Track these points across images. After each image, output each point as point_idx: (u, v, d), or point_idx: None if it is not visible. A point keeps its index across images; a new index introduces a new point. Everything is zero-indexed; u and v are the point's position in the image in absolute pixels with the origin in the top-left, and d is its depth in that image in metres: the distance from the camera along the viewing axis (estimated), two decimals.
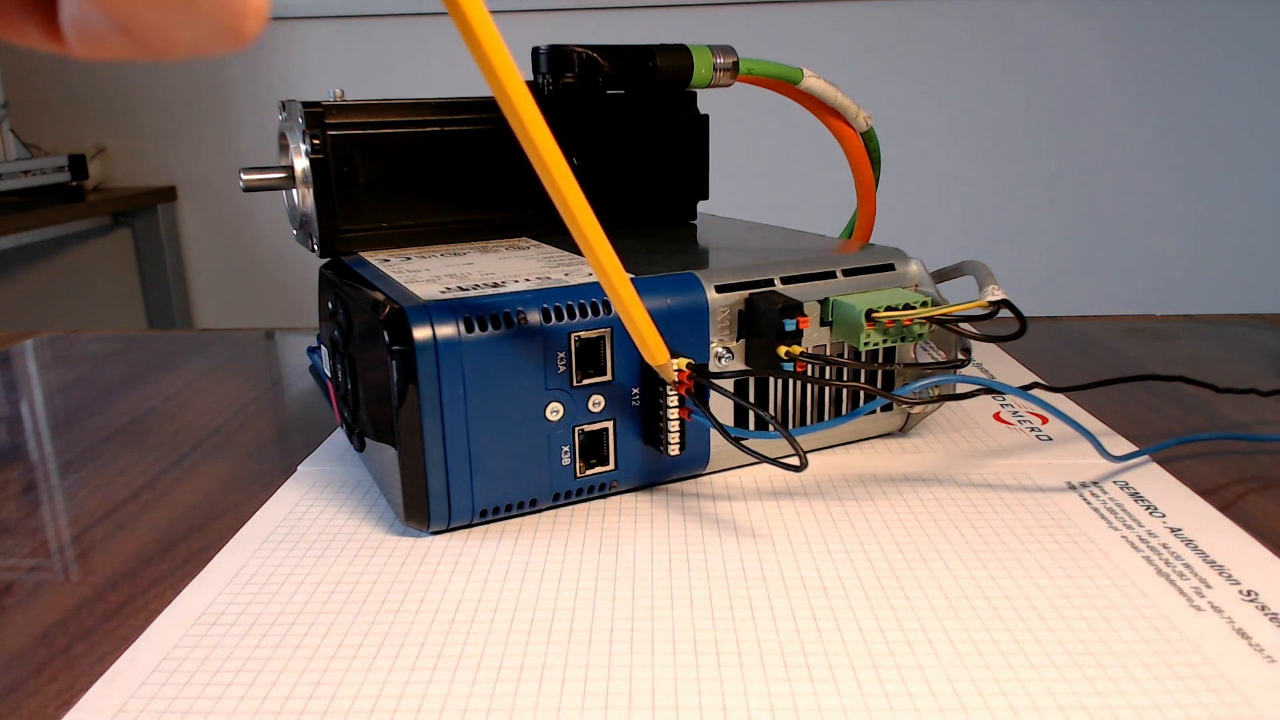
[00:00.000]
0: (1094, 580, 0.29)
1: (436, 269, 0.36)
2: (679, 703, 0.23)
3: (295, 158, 0.39)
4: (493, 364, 0.31)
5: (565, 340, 0.32)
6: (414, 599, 0.28)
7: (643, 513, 0.34)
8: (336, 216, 0.40)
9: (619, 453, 0.34)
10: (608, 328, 0.32)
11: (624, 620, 0.27)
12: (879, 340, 0.35)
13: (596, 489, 0.34)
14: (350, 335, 0.35)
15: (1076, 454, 0.38)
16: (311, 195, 0.39)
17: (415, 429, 0.30)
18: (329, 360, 0.39)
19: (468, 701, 0.24)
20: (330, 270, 0.38)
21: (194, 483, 0.38)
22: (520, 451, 0.32)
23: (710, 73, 0.43)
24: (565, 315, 0.32)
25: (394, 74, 1.73)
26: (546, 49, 0.42)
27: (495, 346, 0.31)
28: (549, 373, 0.32)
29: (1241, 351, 0.53)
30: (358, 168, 0.39)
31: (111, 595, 0.30)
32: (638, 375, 0.33)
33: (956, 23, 1.68)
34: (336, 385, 0.38)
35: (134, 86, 1.78)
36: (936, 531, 0.32)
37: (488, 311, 0.31)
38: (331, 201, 0.39)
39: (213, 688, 0.24)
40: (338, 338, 0.36)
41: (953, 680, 0.24)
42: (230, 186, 1.83)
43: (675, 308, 0.34)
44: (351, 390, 0.35)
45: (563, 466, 0.33)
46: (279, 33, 1.74)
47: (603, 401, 0.33)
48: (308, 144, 0.38)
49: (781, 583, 0.29)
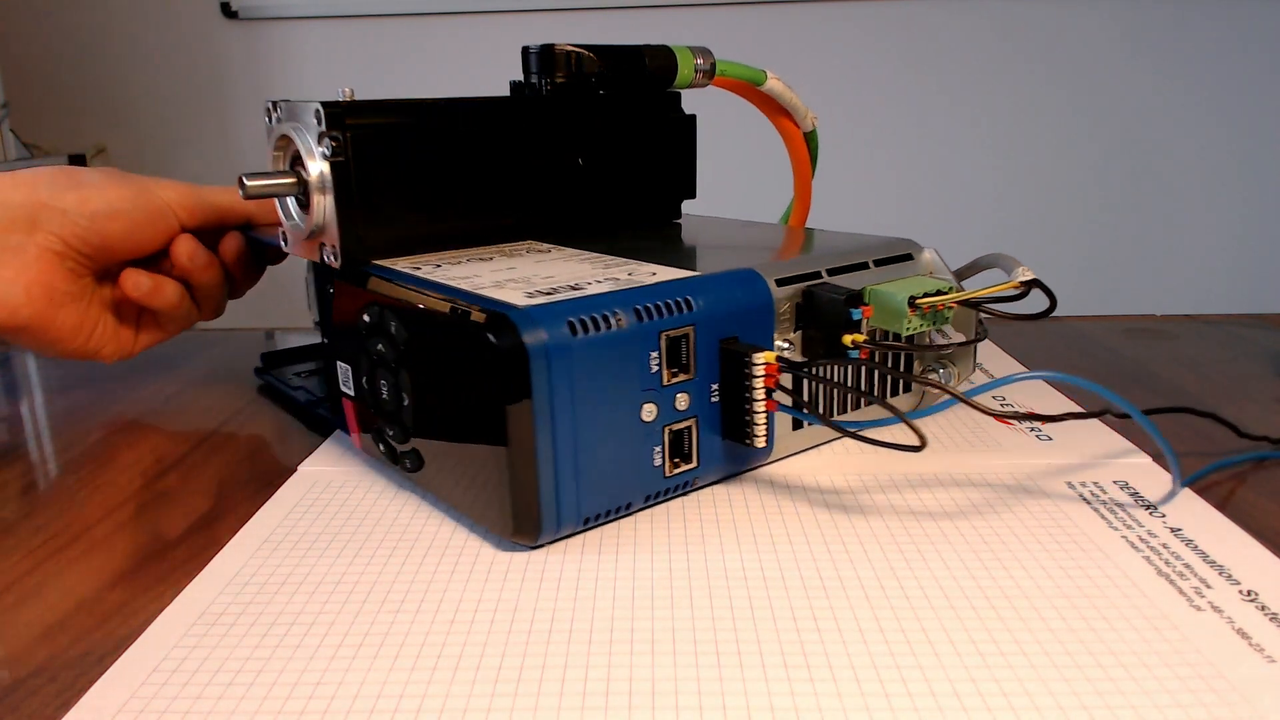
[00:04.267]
0: (1094, 580, 0.29)
1: (487, 274, 0.35)
2: (679, 703, 0.23)
3: (308, 160, 0.36)
4: (596, 367, 0.30)
5: (656, 340, 0.32)
6: (414, 599, 0.28)
7: (641, 515, 0.34)
8: (358, 224, 0.37)
9: (701, 449, 0.34)
10: (691, 325, 0.32)
11: (624, 620, 0.27)
12: (919, 325, 0.37)
13: (681, 487, 0.34)
14: (410, 347, 0.33)
15: (1076, 454, 0.38)
16: (330, 201, 0.36)
17: (528, 438, 0.29)
18: (351, 377, 0.37)
19: (468, 701, 0.24)
20: (351, 281, 0.36)
21: (194, 483, 0.38)
22: (620, 454, 0.32)
23: (692, 73, 0.44)
24: (654, 314, 0.32)
25: (394, 74, 1.73)
26: (537, 48, 0.41)
27: (597, 349, 0.30)
28: (643, 373, 0.32)
29: (1241, 351, 0.53)
30: (379, 170, 0.37)
31: (111, 595, 0.30)
32: (717, 371, 0.33)
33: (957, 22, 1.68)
34: (369, 402, 0.36)
35: (134, 86, 1.78)
36: (936, 531, 0.32)
37: (587, 314, 0.30)
38: (353, 207, 0.36)
39: (213, 688, 0.24)
40: (382, 351, 0.34)
41: (953, 680, 0.24)
42: None
43: (744, 304, 0.34)
44: (407, 406, 0.34)
45: (654, 467, 0.33)
46: (279, 33, 1.74)
47: (687, 399, 0.33)
48: (326, 146, 0.35)
49: (781, 583, 0.29)
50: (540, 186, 0.43)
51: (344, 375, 0.38)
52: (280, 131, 0.37)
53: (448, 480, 0.33)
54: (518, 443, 0.29)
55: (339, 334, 0.37)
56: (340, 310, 0.37)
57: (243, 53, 1.75)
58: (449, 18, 1.70)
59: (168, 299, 0.44)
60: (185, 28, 1.74)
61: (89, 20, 1.75)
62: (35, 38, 1.76)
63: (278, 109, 0.37)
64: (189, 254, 0.44)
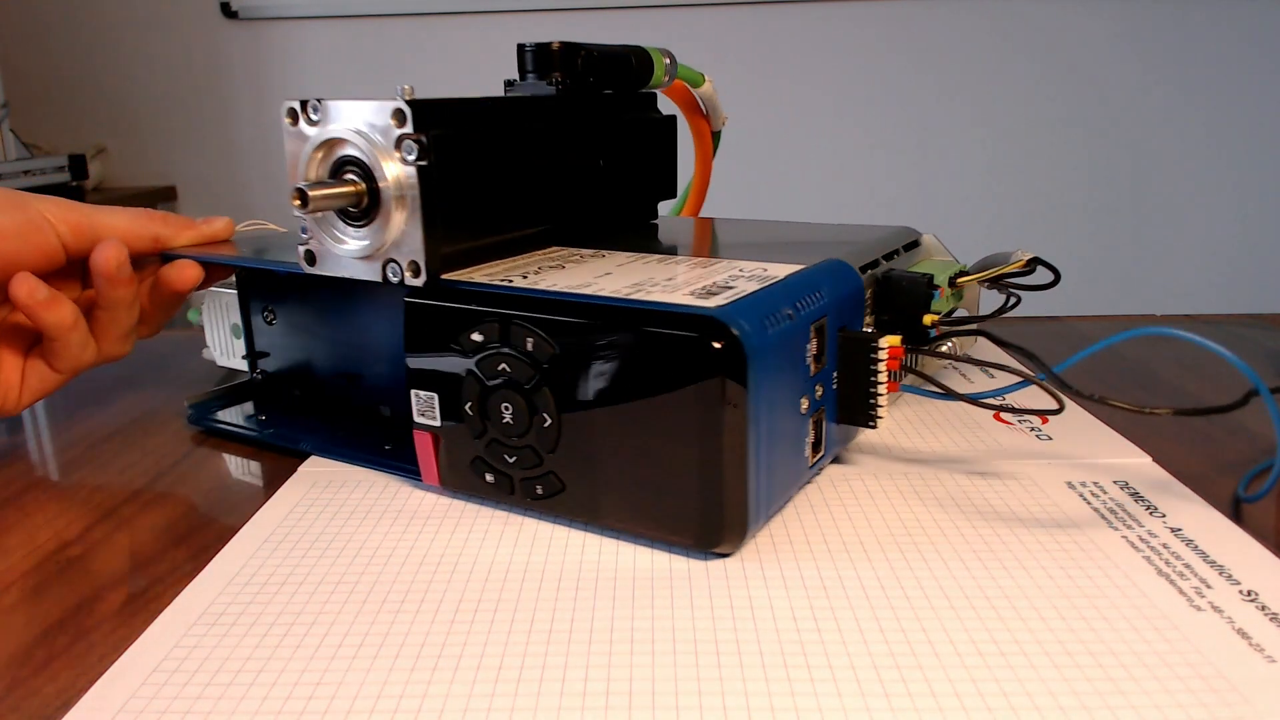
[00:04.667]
0: (1094, 580, 0.29)
1: (597, 280, 0.33)
2: (679, 703, 0.23)
3: (382, 165, 0.32)
4: (778, 363, 0.30)
5: (809, 331, 0.32)
6: (414, 598, 0.28)
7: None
8: (439, 236, 0.33)
9: (826, 437, 0.34)
10: (825, 315, 0.33)
11: (624, 620, 0.27)
12: (950, 305, 0.38)
13: (814, 476, 0.35)
14: (559, 364, 0.31)
15: (1076, 454, 0.38)
16: (410, 212, 0.32)
17: (740, 441, 0.28)
18: (438, 405, 0.34)
19: (468, 702, 0.24)
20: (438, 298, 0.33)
21: (194, 483, 0.38)
22: (787, 448, 0.32)
23: (662, 73, 0.44)
24: (806, 307, 0.32)
25: (394, 74, 1.73)
26: (532, 46, 0.40)
27: (780, 345, 0.30)
28: (802, 366, 0.32)
29: (1241, 351, 0.53)
30: (458, 176, 0.34)
31: (111, 595, 0.30)
32: (836, 357, 0.34)
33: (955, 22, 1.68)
34: (475, 429, 0.33)
35: (134, 86, 1.78)
36: (936, 531, 0.32)
37: (769, 311, 0.30)
38: (435, 217, 0.33)
39: (213, 688, 0.24)
40: (507, 371, 0.32)
41: (953, 680, 0.24)
42: (230, 187, 1.82)
43: (845, 293, 0.34)
44: (548, 427, 0.31)
45: (804, 458, 0.33)
46: (279, 33, 1.74)
47: (821, 388, 0.33)
48: (409, 150, 0.32)
49: (781, 582, 0.29)
50: (569, 190, 0.42)
51: (423, 405, 0.34)
52: (328, 135, 0.33)
53: (609, 499, 0.31)
54: (731, 447, 0.28)
55: (415, 360, 0.34)
56: (419, 333, 0.33)
57: (243, 53, 1.75)
58: (449, 18, 1.70)
59: (62, 317, 0.37)
60: (185, 28, 1.74)
61: (89, 20, 1.75)
62: (35, 38, 1.76)
63: (310, 110, 0.33)
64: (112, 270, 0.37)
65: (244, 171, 1.81)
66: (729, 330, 0.28)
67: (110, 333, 0.40)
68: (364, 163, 0.33)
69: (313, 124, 0.34)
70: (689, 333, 0.28)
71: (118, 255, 0.38)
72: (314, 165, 0.34)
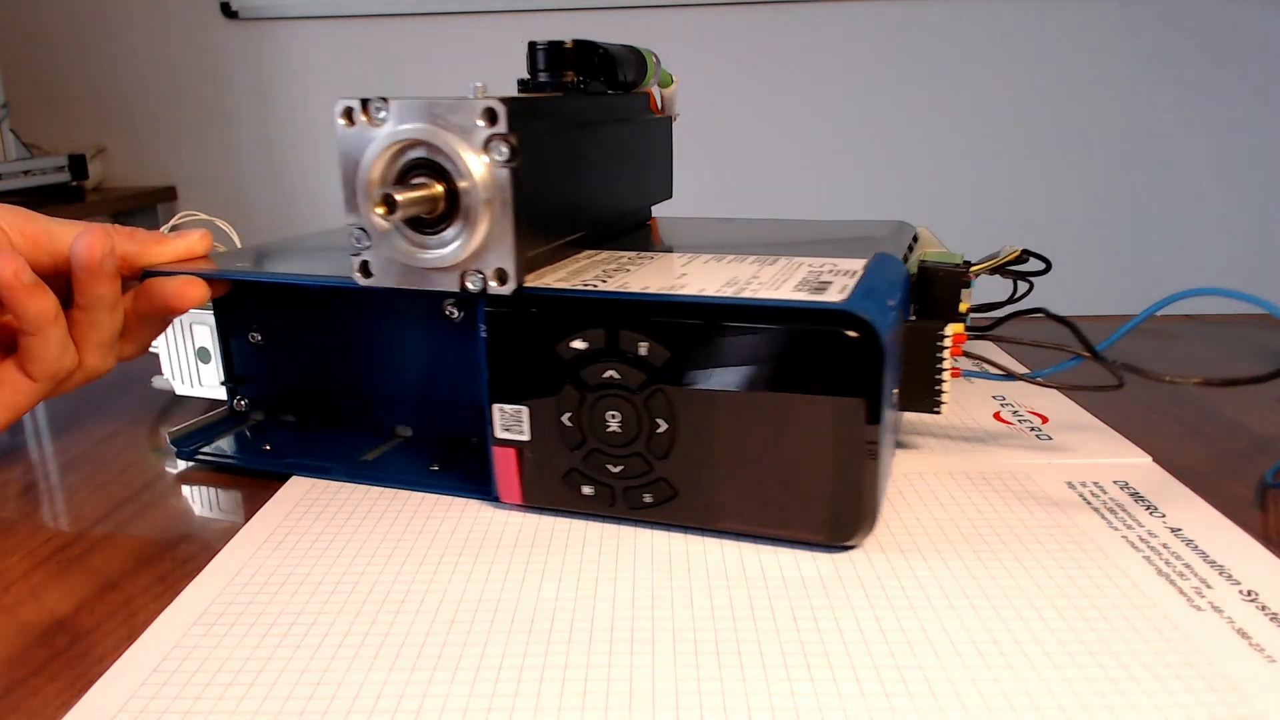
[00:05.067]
0: (1094, 580, 0.29)
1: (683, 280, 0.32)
2: (679, 703, 0.23)
3: (469, 163, 0.30)
4: (893, 355, 0.31)
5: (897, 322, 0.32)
6: (414, 599, 0.28)
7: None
8: (527, 241, 0.31)
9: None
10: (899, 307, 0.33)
11: (624, 620, 0.27)
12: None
13: None
14: (673, 368, 0.30)
15: (1076, 454, 0.38)
16: (500, 217, 0.30)
17: (875, 433, 0.29)
18: (528, 419, 0.32)
19: (468, 702, 0.24)
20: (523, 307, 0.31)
21: (194, 483, 0.38)
22: (890, 438, 0.32)
23: (653, 74, 0.45)
24: (895, 299, 0.32)
25: (394, 74, 1.73)
26: (545, 44, 0.39)
27: (893, 337, 0.31)
28: (895, 355, 0.32)
29: (1241, 351, 0.53)
30: (542, 178, 0.33)
31: (111, 595, 0.30)
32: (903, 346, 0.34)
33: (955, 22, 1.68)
34: (571, 442, 0.32)
35: (134, 86, 1.78)
36: (936, 531, 0.32)
37: (883, 303, 0.30)
38: (523, 221, 0.31)
39: (213, 688, 0.24)
40: (615, 379, 0.31)
41: (953, 680, 0.24)
42: (230, 186, 1.82)
43: (898, 283, 0.35)
44: (662, 433, 0.31)
45: (893, 447, 0.34)
46: (279, 33, 1.74)
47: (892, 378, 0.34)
48: (499, 150, 0.30)
49: (781, 582, 0.29)
50: (602, 192, 0.41)
51: (508, 419, 0.33)
52: (404, 135, 0.31)
53: (726, 502, 0.31)
54: (868, 439, 0.29)
55: (500, 373, 0.32)
56: (506, 345, 0.32)
57: (243, 53, 1.75)
58: (449, 18, 1.70)
59: (45, 307, 0.33)
60: (185, 28, 1.74)
61: (89, 20, 1.75)
62: (35, 38, 1.76)
63: (373, 109, 0.31)
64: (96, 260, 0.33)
65: (244, 171, 1.81)
66: (865, 322, 0.28)
67: (90, 338, 0.35)
68: (439, 165, 0.30)
69: (378, 123, 0.31)
70: (824, 327, 0.28)
71: (103, 245, 0.34)
72: (380, 167, 0.31)
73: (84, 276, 0.34)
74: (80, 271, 0.34)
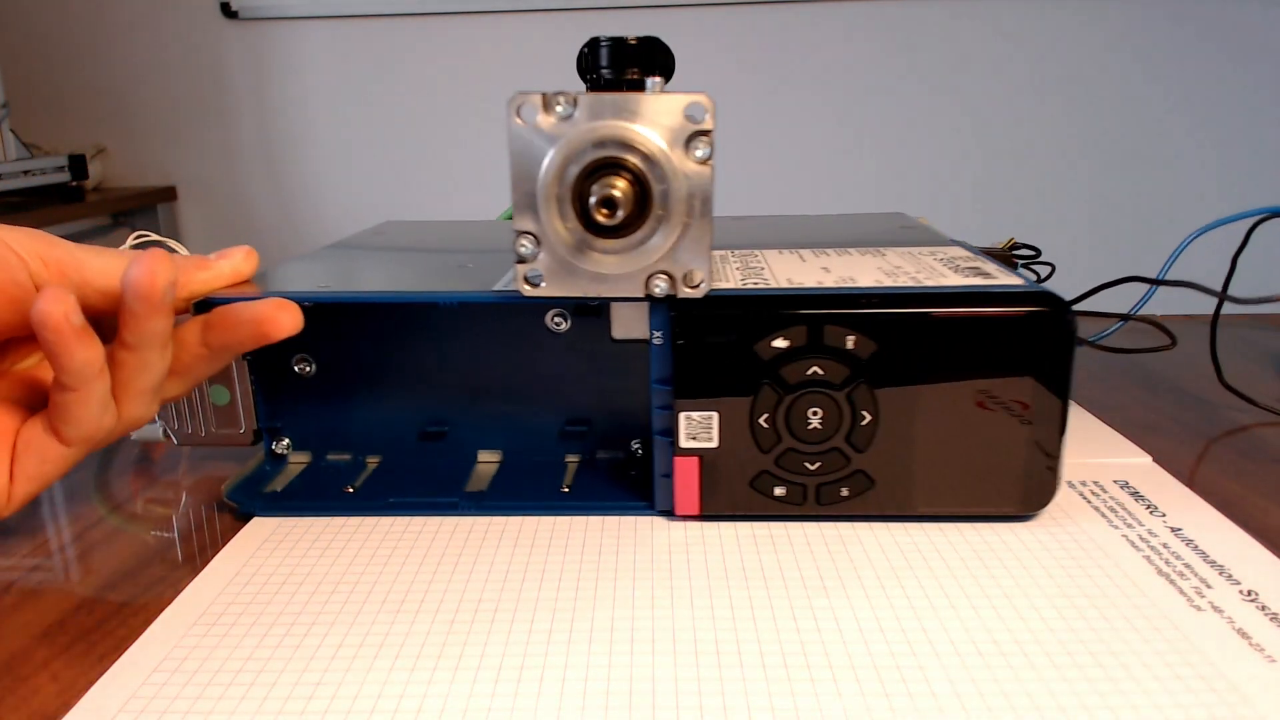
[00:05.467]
0: (1094, 580, 0.29)
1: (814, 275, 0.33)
2: (679, 703, 0.23)
3: (671, 162, 0.29)
4: None
5: None
6: (414, 599, 0.28)
7: (641, 516, 0.34)
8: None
9: None
10: None
11: (624, 620, 0.27)
12: None
13: None
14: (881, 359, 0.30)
15: (1076, 454, 0.38)
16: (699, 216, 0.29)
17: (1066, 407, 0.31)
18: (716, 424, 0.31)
19: (468, 702, 0.24)
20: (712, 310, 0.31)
21: (195, 482, 0.38)
22: None
23: None
24: None
25: (394, 74, 1.73)
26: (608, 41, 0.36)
27: None
28: None
29: (1241, 351, 0.53)
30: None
31: (111, 595, 0.30)
32: None
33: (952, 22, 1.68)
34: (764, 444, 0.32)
35: (134, 86, 1.78)
36: (936, 531, 0.32)
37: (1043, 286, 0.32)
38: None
39: (213, 688, 0.24)
40: (820, 375, 0.31)
41: (953, 680, 0.24)
42: (230, 186, 1.82)
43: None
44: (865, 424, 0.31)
45: None
46: (279, 33, 1.73)
47: None
48: (701, 148, 0.29)
49: (781, 582, 0.29)
50: None
51: (695, 427, 0.32)
52: (602, 134, 0.29)
53: (922, 487, 0.32)
54: (1063, 412, 0.31)
55: (689, 379, 0.31)
56: (699, 349, 0.31)
57: (243, 53, 1.75)
58: (449, 18, 1.70)
59: (92, 356, 0.27)
60: (185, 28, 1.74)
61: (89, 20, 1.75)
62: (35, 38, 1.76)
63: (560, 104, 0.29)
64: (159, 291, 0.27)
65: (244, 171, 1.81)
66: (1060, 300, 0.30)
67: (135, 383, 0.29)
68: (626, 163, 0.29)
69: (562, 121, 0.29)
70: (1028, 308, 0.30)
71: (167, 272, 0.27)
72: (564, 168, 0.29)
73: (141, 309, 0.28)
74: (138, 304, 0.27)
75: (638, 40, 0.34)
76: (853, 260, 0.36)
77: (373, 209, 1.77)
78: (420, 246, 0.44)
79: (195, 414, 0.36)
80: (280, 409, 0.37)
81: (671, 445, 0.32)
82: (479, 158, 1.73)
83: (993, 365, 0.30)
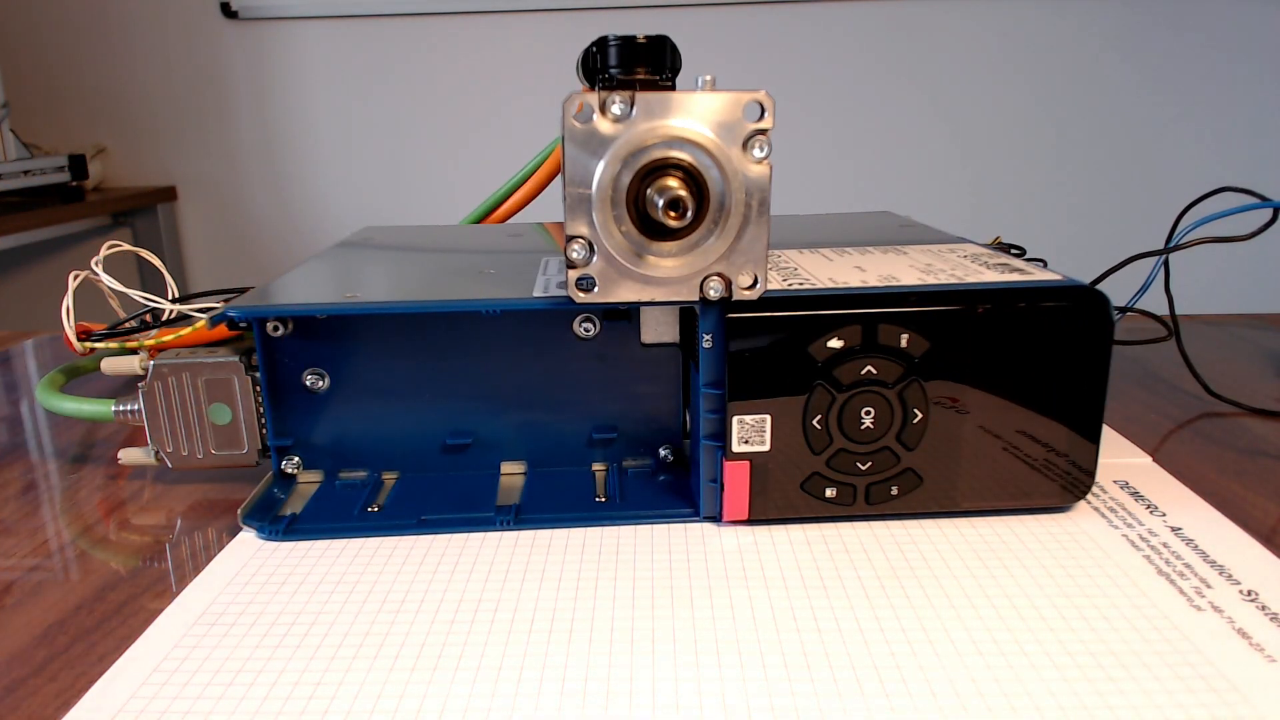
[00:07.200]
0: (1094, 580, 0.29)
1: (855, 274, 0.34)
2: (679, 703, 0.23)
3: (732, 162, 0.28)
4: None
5: None
6: (414, 599, 0.28)
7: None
8: None
9: None
10: None
11: (624, 620, 0.27)
12: None
13: None
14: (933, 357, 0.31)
15: None
16: (757, 216, 0.29)
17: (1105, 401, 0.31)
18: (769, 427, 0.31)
19: (468, 702, 0.24)
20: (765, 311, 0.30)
21: (195, 482, 0.38)
22: None
23: None
24: None
25: (394, 74, 1.73)
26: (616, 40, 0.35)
27: None
28: None
29: (1241, 351, 0.53)
30: None
31: (111, 595, 0.30)
32: None
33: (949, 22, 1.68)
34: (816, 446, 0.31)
35: (134, 86, 1.78)
36: (936, 531, 0.32)
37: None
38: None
39: (213, 688, 0.24)
40: (873, 374, 0.31)
41: (953, 680, 0.24)
42: (230, 186, 1.82)
43: None
44: (917, 422, 0.31)
45: None
46: (279, 33, 1.74)
47: None
48: (761, 147, 0.29)
49: (781, 582, 0.29)
50: None
51: (747, 431, 0.31)
52: (664, 134, 0.28)
53: (968, 483, 0.32)
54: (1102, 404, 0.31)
55: (742, 382, 0.31)
56: (751, 352, 0.31)
57: (243, 53, 1.75)
58: (449, 18, 1.70)
59: None
60: (185, 28, 1.74)
61: (89, 20, 1.75)
62: (35, 38, 1.76)
63: (616, 104, 0.28)
64: None
65: (244, 171, 1.81)
66: (1101, 295, 0.31)
67: None
68: (683, 164, 0.29)
69: (619, 121, 0.28)
70: (1071, 303, 0.31)
71: None
72: (619, 170, 0.29)
73: None
74: None
75: (647, 39, 0.34)
76: (880, 259, 0.36)
77: (373, 209, 1.77)
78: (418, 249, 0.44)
79: (192, 435, 0.35)
80: (290, 426, 0.35)
81: (722, 450, 0.32)
82: (479, 158, 1.73)
83: (1036, 359, 0.31)
